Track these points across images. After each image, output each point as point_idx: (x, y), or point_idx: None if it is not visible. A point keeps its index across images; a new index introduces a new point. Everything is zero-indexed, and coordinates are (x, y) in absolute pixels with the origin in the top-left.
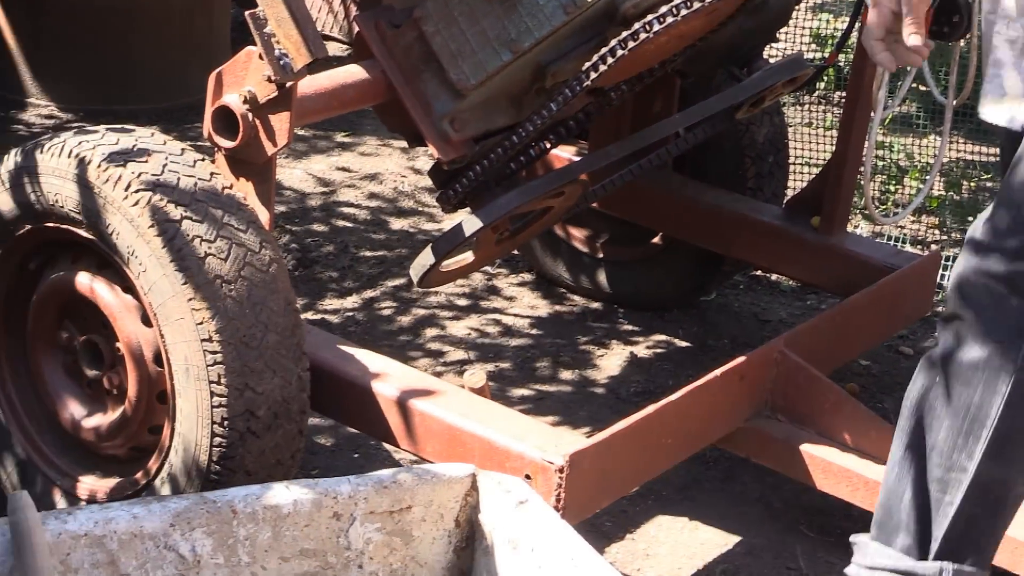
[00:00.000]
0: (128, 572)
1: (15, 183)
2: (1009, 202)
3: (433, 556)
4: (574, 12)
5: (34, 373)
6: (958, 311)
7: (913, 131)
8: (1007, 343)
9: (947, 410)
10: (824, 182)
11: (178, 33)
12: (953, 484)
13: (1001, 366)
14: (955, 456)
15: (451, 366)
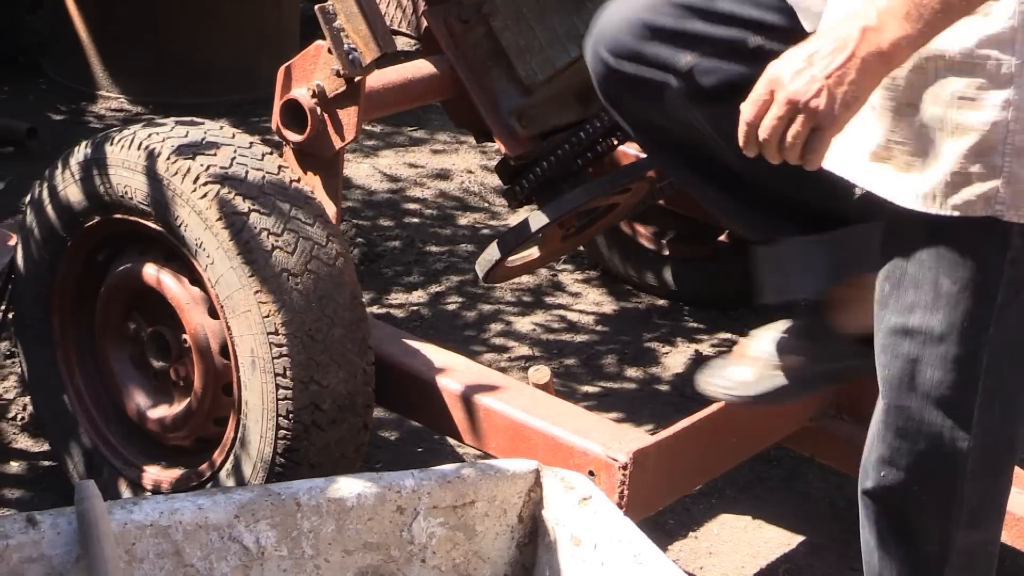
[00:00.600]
0: (192, 563)
1: (85, 175)
2: None
3: (496, 551)
4: None
5: (102, 364)
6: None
7: None
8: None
9: None
10: None
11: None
12: None
13: None
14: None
15: (516, 362)
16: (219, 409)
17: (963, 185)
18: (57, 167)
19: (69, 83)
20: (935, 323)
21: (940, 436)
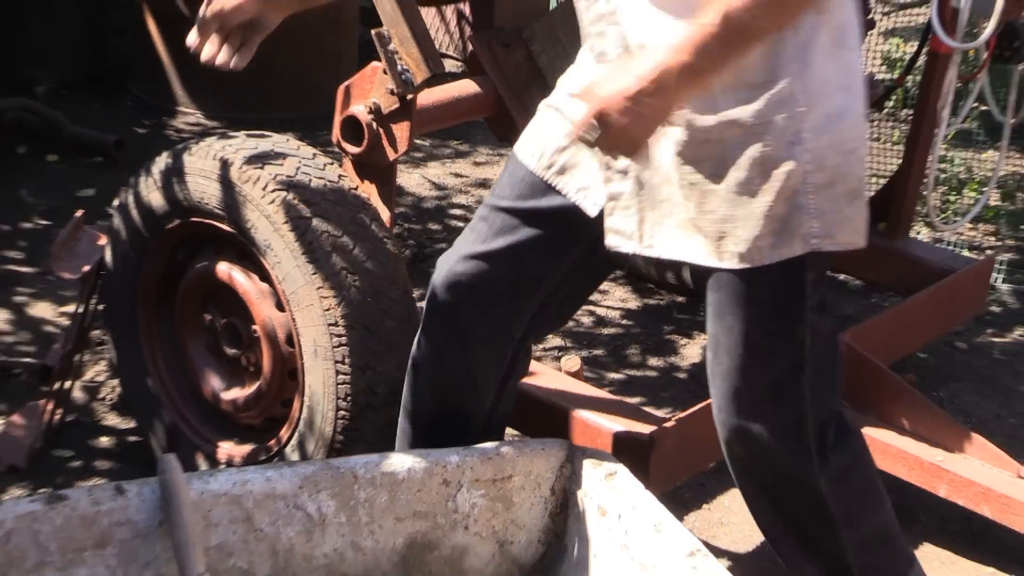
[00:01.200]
0: (262, 528)
1: (166, 182)
2: None
3: (531, 520)
4: None
5: (181, 351)
6: None
7: (973, 146)
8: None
9: None
10: (891, 192)
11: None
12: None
13: None
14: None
15: (549, 351)
16: (285, 392)
17: (782, 232)
18: (141, 175)
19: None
20: (764, 347)
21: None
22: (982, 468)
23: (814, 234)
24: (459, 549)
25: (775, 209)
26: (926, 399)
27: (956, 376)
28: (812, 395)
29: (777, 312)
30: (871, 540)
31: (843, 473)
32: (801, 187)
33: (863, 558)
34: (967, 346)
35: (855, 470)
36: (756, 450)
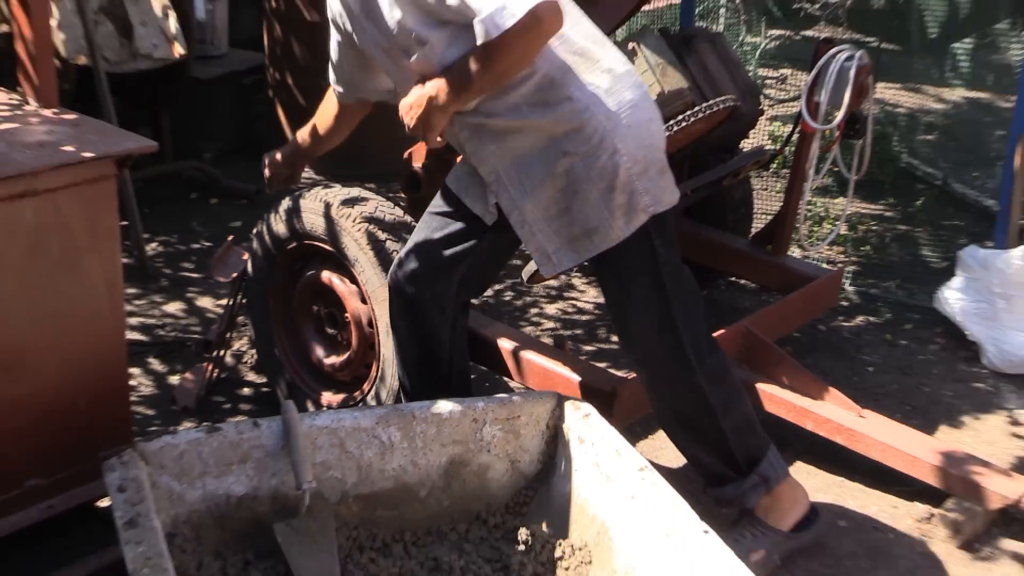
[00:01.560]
0: (350, 450)
1: (288, 217)
2: None
3: (532, 446)
4: None
5: (297, 331)
6: None
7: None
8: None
9: None
10: (775, 224)
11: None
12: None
13: None
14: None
15: (545, 331)
16: (367, 359)
17: (629, 212)
18: (271, 213)
19: None
20: (641, 297)
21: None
22: (836, 410)
23: (649, 204)
24: (483, 466)
25: (619, 200)
26: (798, 364)
27: (818, 349)
28: (682, 321)
29: (643, 269)
30: (742, 426)
31: (716, 375)
32: (629, 179)
33: (737, 440)
34: (826, 328)
35: (724, 373)
36: (654, 368)
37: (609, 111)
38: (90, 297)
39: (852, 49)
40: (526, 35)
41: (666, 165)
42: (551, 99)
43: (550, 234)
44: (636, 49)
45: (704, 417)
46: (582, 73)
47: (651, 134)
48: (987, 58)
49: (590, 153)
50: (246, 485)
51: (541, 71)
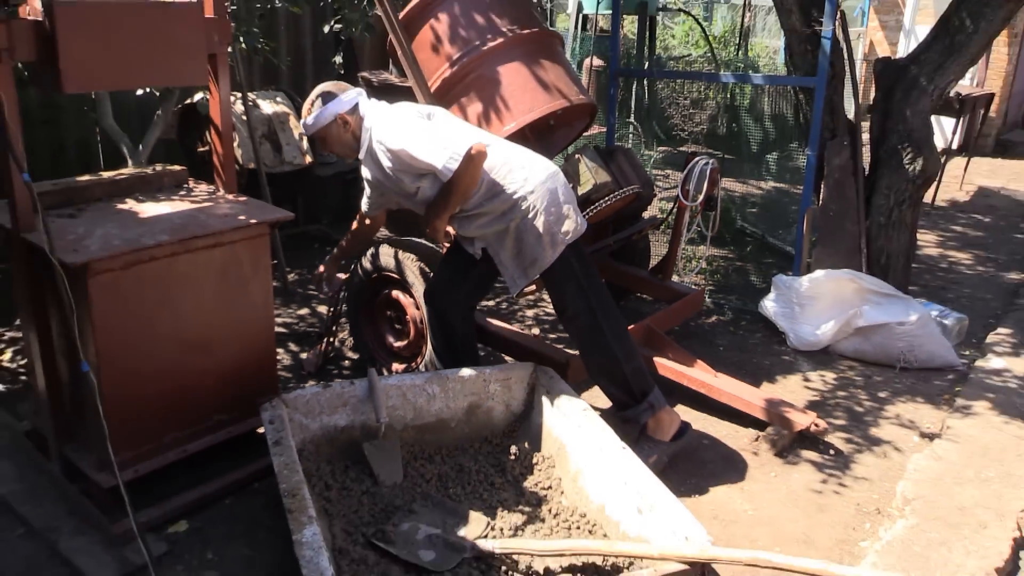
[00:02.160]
0: (408, 398)
1: (372, 257)
2: None
3: (519, 396)
4: None
5: (378, 326)
6: None
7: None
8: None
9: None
10: (663, 261)
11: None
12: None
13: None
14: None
15: (528, 327)
16: (420, 343)
17: (554, 244)
18: (362, 256)
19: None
20: (572, 301)
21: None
22: (701, 373)
23: (564, 238)
24: (489, 408)
25: (546, 240)
26: (679, 346)
27: (690, 337)
28: (597, 305)
29: (568, 276)
30: (637, 370)
31: (619, 336)
32: (549, 226)
33: (635, 379)
34: (694, 324)
35: (624, 335)
36: (582, 335)
37: (529, 191)
38: (253, 306)
39: (707, 158)
40: (468, 168)
41: (572, 210)
42: (494, 192)
43: (513, 268)
44: (580, 157)
45: (612, 363)
46: (508, 174)
47: (558, 197)
48: (786, 164)
49: (524, 216)
50: (346, 419)
51: (486, 179)
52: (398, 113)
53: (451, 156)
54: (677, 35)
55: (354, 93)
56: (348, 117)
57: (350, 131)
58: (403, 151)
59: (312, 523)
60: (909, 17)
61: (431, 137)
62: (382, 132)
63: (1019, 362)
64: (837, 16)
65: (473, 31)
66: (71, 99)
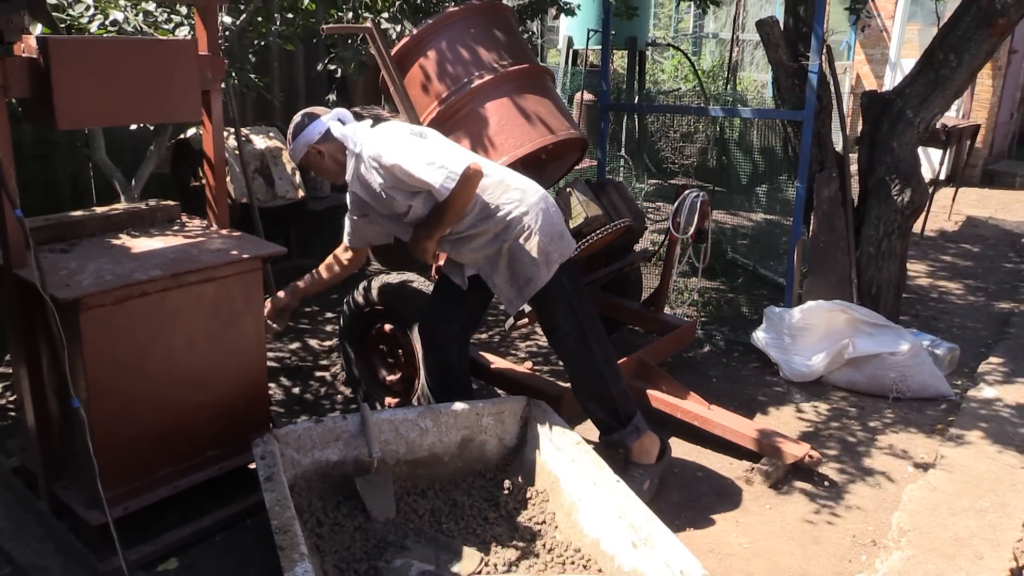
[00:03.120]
0: (401, 432)
1: (363, 292)
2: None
3: (512, 429)
4: None
5: (370, 360)
6: None
7: (686, 276)
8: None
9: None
10: (655, 293)
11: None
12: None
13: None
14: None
15: (521, 359)
16: (414, 376)
17: (546, 264)
18: (354, 290)
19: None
20: (561, 321)
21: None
22: (694, 405)
23: (557, 258)
24: (482, 441)
25: (540, 259)
26: (672, 377)
27: (682, 368)
28: (586, 327)
29: (559, 296)
30: (622, 393)
31: (607, 359)
32: (543, 247)
33: (620, 402)
34: (686, 356)
35: (611, 358)
36: (570, 357)
37: (524, 211)
38: (246, 339)
39: (698, 190)
40: (464, 188)
41: (564, 231)
42: (488, 214)
43: (508, 289)
44: (571, 191)
45: (600, 384)
46: (502, 195)
47: (551, 217)
48: (775, 196)
49: (518, 236)
50: (339, 454)
51: (479, 200)
52: (391, 130)
53: (448, 175)
54: (666, 69)
55: (323, 121)
56: (320, 147)
57: (328, 158)
58: (398, 167)
59: (304, 560)
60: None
61: (427, 154)
62: (375, 148)
63: (1011, 391)
64: (823, 50)
65: (465, 67)
66: (64, 134)
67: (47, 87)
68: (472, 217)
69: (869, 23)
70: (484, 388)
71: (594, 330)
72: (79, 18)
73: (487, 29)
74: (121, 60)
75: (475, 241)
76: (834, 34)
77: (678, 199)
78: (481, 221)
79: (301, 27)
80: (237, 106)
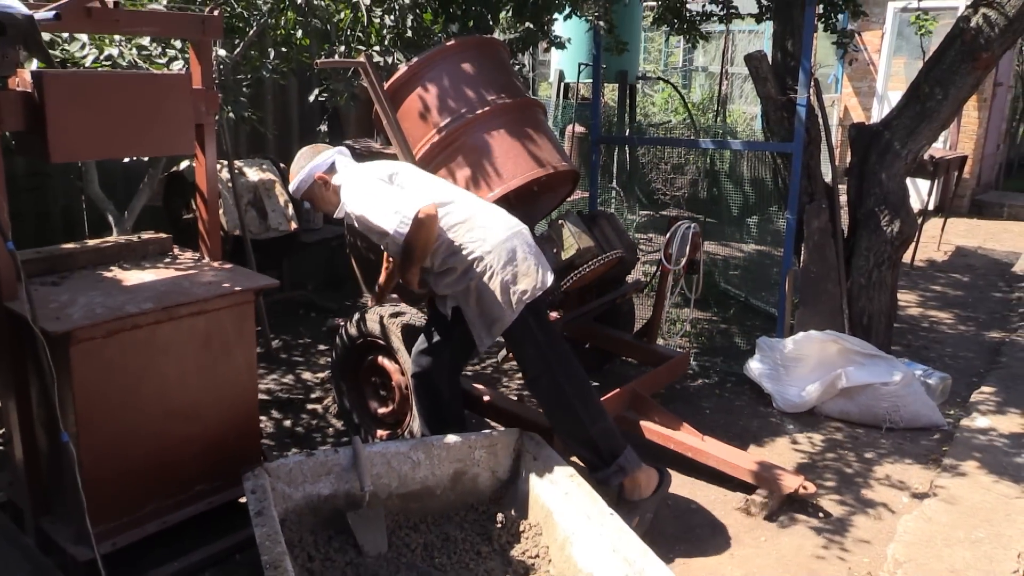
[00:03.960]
0: (394, 466)
1: (357, 324)
2: None
3: (505, 462)
4: (557, 264)
5: (362, 393)
6: None
7: (678, 307)
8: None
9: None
10: (648, 325)
11: None
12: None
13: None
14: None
15: (513, 392)
16: (405, 409)
17: (513, 303)
18: (347, 321)
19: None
20: (531, 359)
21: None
22: (687, 436)
23: (522, 297)
24: (475, 474)
25: (503, 299)
26: (665, 409)
27: (676, 400)
28: (557, 367)
29: (526, 337)
30: (604, 432)
31: (583, 398)
32: (505, 286)
33: (601, 441)
34: (679, 387)
35: (589, 396)
36: (544, 397)
37: (487, 250)
38: (237, 372)
39: (689, 221)
40: (418, 232)
41: (534, 267)
42: (453, 251)
43: (479, 325)
44: (563, 223)
45: (577, 425)
46: (466, 234)
47: (517, 255)
48: (766, 227)
49: (482, 275)
50: (330, 488)
51: (444, 239)
52: (361, 177)
53: (401, 220)
54: (657, 102)
55: (330, 154)
56: (326, 176)
57: (331, 190)
58: (362, 217)
59: None
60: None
61: (385, 202)
62: (347, 196)
63: (1004, 421)
64: (811, 84)
65: (457, 101)
66: (57, 166)
67: (41, 121)
68: (441, 254)
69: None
70: (477, 420)
71: (566, 372)
72: (74, 53)
73: (479, 63)
74: (115, 94)
75: (448, 277)
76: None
77: (670, 230)
78: (449, 257)
79: (295, 61)
80: (230, 139)
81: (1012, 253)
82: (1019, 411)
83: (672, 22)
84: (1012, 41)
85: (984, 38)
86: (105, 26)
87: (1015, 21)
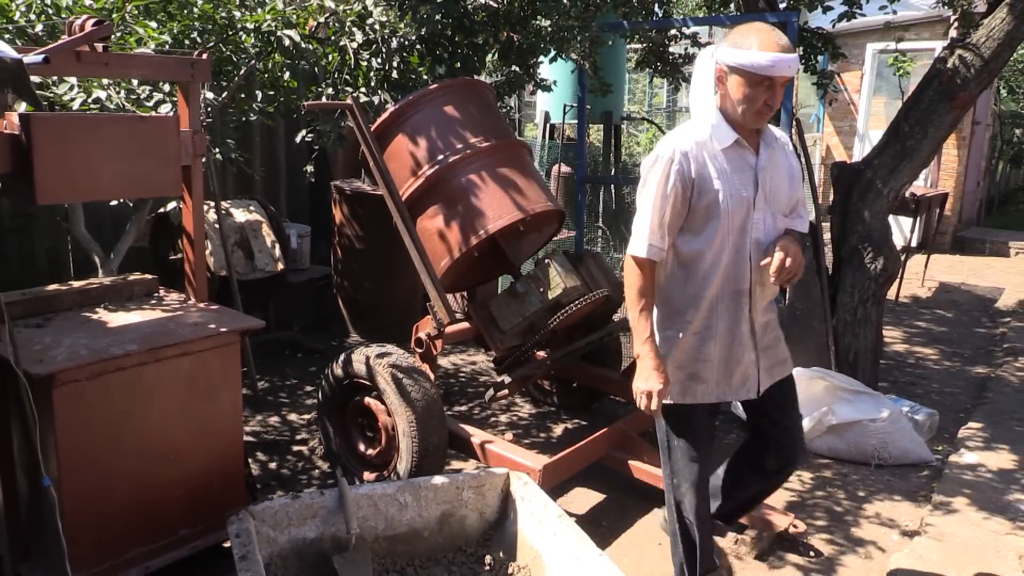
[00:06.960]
0: (380, 508)
1: (343, 364)
2: None
3: (493, 503)
4: (544, 303)
5: (348, 434)
6: None
7: None
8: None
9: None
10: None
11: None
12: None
13: None
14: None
15: (500, 431)
16: (391, 451)
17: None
18: (334, 362)
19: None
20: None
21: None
22: None
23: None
24: (463, 516)
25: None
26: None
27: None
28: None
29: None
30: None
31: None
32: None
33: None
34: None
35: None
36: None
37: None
38: (222, 415)
39: None
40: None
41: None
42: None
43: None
44: (550, 262)
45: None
46: None
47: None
48: None
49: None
50: (316, 531)
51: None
52: None
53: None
54: (642, 142)
55: None
56: None
57: None
58: None
59: None
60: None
61: None
62: None
63: (992, 456)
64: (792, 123)
65: (444, 142)
66: (44, 208)
67: (28, 163)
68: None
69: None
70: (464, 459)
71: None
72: (62, 96)
73: (465, 105)
74: (103, 136)
75: None
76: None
77: None
78: None
79: (283, 103)
80: (218, 180)
81: (995, 288)
82: (1007, 446)
83: (655, 64)
84: (988, 81)
85: (961, 78)
86: (94, 69)
87: (990, 62)
